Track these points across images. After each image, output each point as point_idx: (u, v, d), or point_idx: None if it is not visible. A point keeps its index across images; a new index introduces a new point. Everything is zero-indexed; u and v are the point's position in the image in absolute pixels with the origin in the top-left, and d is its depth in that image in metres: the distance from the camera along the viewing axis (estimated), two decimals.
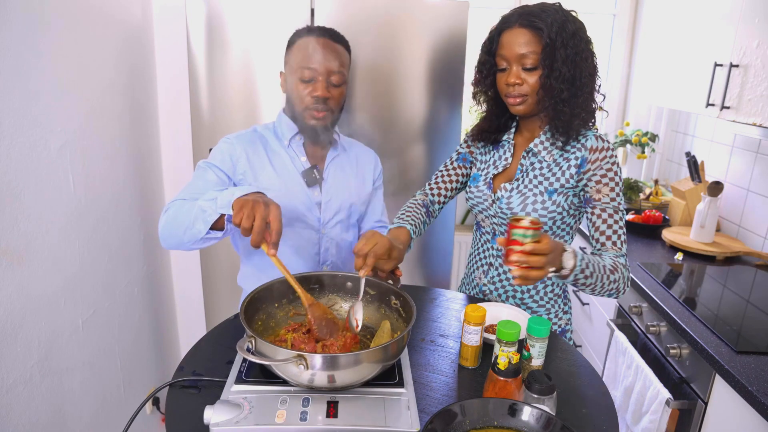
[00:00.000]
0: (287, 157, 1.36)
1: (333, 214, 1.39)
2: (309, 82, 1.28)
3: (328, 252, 1.42)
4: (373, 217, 1.51)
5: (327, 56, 1.27)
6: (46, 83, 1.32)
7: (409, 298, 1.06)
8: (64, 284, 1.40)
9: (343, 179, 1.41)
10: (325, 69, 1.27)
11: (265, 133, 1.38)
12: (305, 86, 1.28)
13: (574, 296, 2.34)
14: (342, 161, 1.42)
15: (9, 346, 1.18)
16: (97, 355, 1.59)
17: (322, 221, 1.38)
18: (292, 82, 1.30)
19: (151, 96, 2.04)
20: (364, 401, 0.92)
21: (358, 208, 1.44)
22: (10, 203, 1.18)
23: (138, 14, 1.89)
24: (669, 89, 2.06)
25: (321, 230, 1.39)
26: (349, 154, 1.45)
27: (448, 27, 1.78)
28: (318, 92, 1.27)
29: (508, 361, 0.92)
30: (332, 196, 1.38)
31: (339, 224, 1.41)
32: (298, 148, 1.37)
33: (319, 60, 1.27)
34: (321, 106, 1.29)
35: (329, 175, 1.39)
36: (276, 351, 0.87)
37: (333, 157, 1.41)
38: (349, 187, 1.41)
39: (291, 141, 1.36)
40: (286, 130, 1.36)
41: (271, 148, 1.36)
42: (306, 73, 1.27)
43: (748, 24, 1.58)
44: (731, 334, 1.36)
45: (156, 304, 2.10)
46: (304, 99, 1.29)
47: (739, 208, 2.05)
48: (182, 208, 1.14)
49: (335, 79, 1.29)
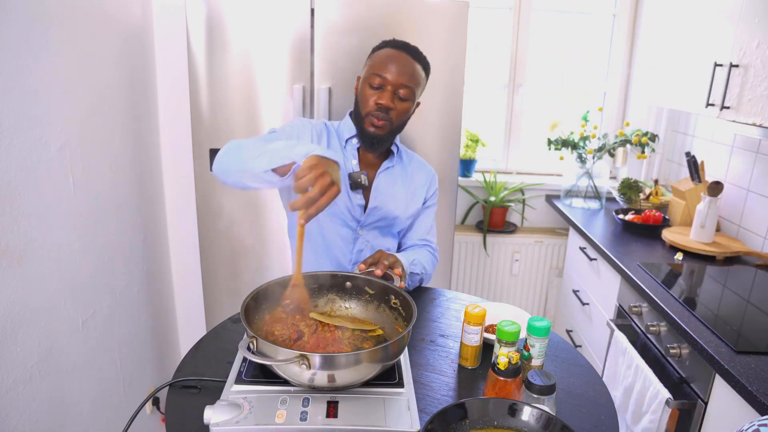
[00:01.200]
0: (341, 156, 1.38)
1: (374, 219, 1.41)
2: (377, 89, 1.31)
3: (362, 253, 1.43)
4: (417, 234, 1.51)
5: (400, 68, 1.31)
6: (46, 83, 1.31)
7: (410, 297, 1.06)
8: (64, 284, 1.40)
9: (392, 191, 1.43)
10: (394, 80, 1.30)
11: (330, 128, 1.43)
12: (373, 92, 1.32)
13: (574, 296, 2.34)
14: (395, 173, 1.44)
15: (9, 346, 1.18)
16: (97, 355, 1.59)
17: (361, 223, 1.41)
18: (363, 87, 1.35)
19: (151, 96, 2.04)
20: (364, 401, 0.92)
21: (402, 221, 1.46)
22: (10, 203, 1.18)
23: (138, 14, 1.89)
24: (669, 89, 2.06)
25: (358, 231, 1.42)
26: (406, 167, 1.47)
27: (448, 27, 1.78)
28: (383, 100, 1.30)
29: (508, 361, 0.93)
30: (378, 204, 1.40)
31: (377, 230, 1.43)
32: (352, 150, 1.40)
33: (392, 70, 1.30)
34: (382, 115, 1.31)
35: (379, 183, 1.41)
36: (277, 351, 0.87)
37: (386, 168, 1.43)
38: (397, 199, 1.43)
39: (347, 142, 1.40)
40: (345, 131, 1.41)
41: (332, 143, 1.40)
42: (376, 80, 1.31)
43: (748, 24, 1.58)
44: (731, 334, 1.36)
45: (156, 304, 2.10)
46: (369, 104, 1.32)
47: (739, 208, 2.05)
48: (249, 141, 1.16)
49: (403, 93, 1.32)
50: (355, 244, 1.43)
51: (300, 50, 1.77)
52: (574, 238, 2.42)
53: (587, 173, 2.50)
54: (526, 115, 2.72)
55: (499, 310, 1.26)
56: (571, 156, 2.53)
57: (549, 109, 2.84)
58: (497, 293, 2.77)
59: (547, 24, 2.63)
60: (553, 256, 2.72)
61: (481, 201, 2.67)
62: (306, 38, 1.76)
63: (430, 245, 1.53)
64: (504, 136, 2.73)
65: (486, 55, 2.66)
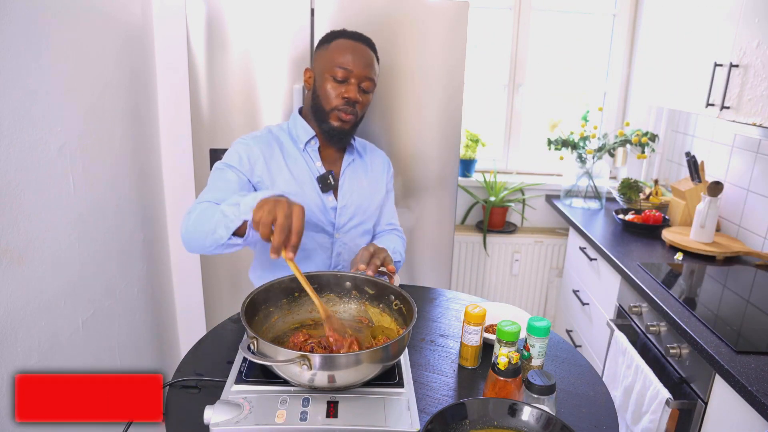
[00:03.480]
0: (302, 161, 1.34)
1: (348, 219, 1.39)
2: (342, 82, 1.28)
3: (341, 257, 1.41)
4: (385, 220, 1.51)
5: (363, 60, 1.29)
6: (46, 83, 1.31)
7: (410, 297, 1.06)
8: (64, 284, 1.40)
9: (358, 185, 1.41)
10: (359, 72, 1.28)
11: (280, 134, 1.37)
12: (336, 86, 1.28)
13: (574, 296, 2.34)
14: (357, 166, 1.42)
15: (9, 345, 1.18)
16: (97, 355, 1.59)
17: (337, 226, 1.38)
18: (323, 81, 1.29)
19: (151, 96, 2.04)
20: (364, 401, 0.92)
21: (373, 212, 1.44)
22: (10, 203, 1.18)
23: (138, 14, 1.89)
24: (669, 89, 2.06)
25: (335, 234, 1.38)
26: (365, 159, 1.45)
27: (448, 27, 1.78)
28: (349, 94, 1.27)
29: (508, 361, 0.93)
30: (347, 201, 1.38)
31: (353, 229, 1.41)
32: (313, 152, 1.36)
33: (355, 62, 1.27)
34: (349, 109, 1.29)
35: (345, 180, 1.39)
36: (278, 351, 0.87)
37: (349, 163, 1.40)
38: (363, 192, 1.41)
39: (306, 145, 1.35)
40: (302, 133, 1.35)
41: (286, 150, 1.34)
42: (340, 73, 1.27)
43: (748, 24, 1.58)
44: (731, 334, 1.36)
45: (156, 304, 2.10)
46: (333, 99, 1.28)
47: (739, 208, 2.05)
48: (205, 213, 1.11)
49: (366, 86, 1.30)
50: (333, 248, 1.40)
51: (300, 50, 1.76)
52: (574, 238, 2.42)
53: (587, 173, 2.50)
54: (526, 115, 2.72)
55: (499, 310, 1.26)
56: (571, 156, 2.53)
57: (549, 109, 2.84)
58: (497, 293, 2.77)
59: (547, 24, 2.62)
60: (553, 256, 2.72)
61: (481, 201, 2.67)
62: (306, 38, 1.76)
63: (397, 228, 1.53)
64: (504, 136, 2.73)
65: (486, 55, 2.66)
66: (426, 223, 1.97)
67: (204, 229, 1.09)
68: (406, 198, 1.93)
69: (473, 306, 1.11)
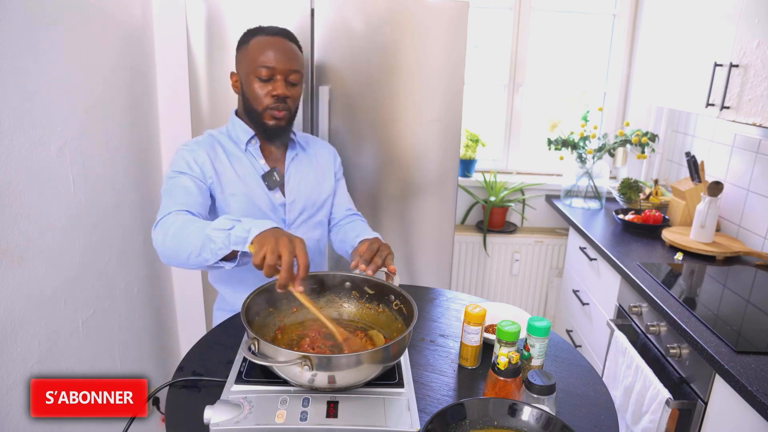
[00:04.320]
0: (246, 161, 1.34)
1: (298, 214, 1.39)
2: (267, 81, 1.27)
3: None
4: (342, 209, 1.51)
5: (285, 55, 1.27)
6: (46, 83, 1.31)
7: (410, 298, 1.06)
8: (64, 284, 1.40)
9: (305, 178, 1.41)
10: (284, 67, 1.26)
11: (221, 138, 1.36)
12: (263, 85, 1.27)
13: (574, 296, 2.34)
14: (301, 160, 1.42)
15: (9, 346, 1.18)
16: (97, 355, 1.59)
17: (288, 222, 1.38)
18: (249, 82, 1.29)
19: (151, 96, 2.03)
20: (364, 401, 0.92)
21: (323, 204, 1.44)
22: (10, 203, 1.18)
23: (138, 14, 1.89)
24: (669, 89, 2.06)
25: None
26: (308, 152, 1.45)
27: (448, 27, 1.78)
28: (278, 91, 1.27)
29: (508, 361, 0.93)
30: (295, 196, 1.38)
31: (304, 224, 1.41)
32: (255, 151, 1.36)
33: (278, 58, 1.26)
34: (281, 105, 1.28)
35: (290, 176, 1.39)
36: (279, 352, 0.87)
37: (292, 158, 1.40)
38: (310, 185, 1.41)
39: (248, 145, 1.35)
40: (241, 134, 1.34)
41: (229, 152, 1.34)
42: (264, 72, 1.26)
43: (749, 24, 1.58)
44: (731, 334, 1.36)
45: (156, 304, 2.10)
46: (263, 99, 1.28)
47: (739, 208, 2.05)
48: (185, 229, 1.07)
49: (293, 78, 1.29)
50: None
51: None
52: (574, 238, 2.42)
53: (587, 173, 2.50)
54: (526, 115, 2.72)
55: (499, 310, 1.26)
56: (571, 156, 2.53)
57: (549, 109, 2.84)
58: (497, 293, 2.77)
59: (547, 24, 2.62)
60: (553, 256, 2.72)
61: (481, 201, 2.67)
62: (306, 38, 1.76)
63: (356, 212, 1.53)
64: (504, 136, 2.73)
65: (486, 55, 2.66)
66: (426, 223, 1.97)
67: (186, 249, 1.05)
68: (406, 198, 1.93)
69: (473, 306, 1.11)
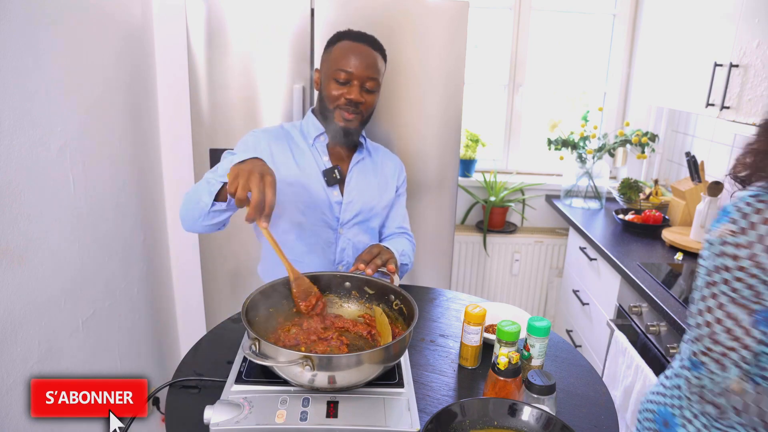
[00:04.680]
0: (310, 155, 1.38)
1: (352, 215, 1.40)
2: (344, 84, 1.31)
3: (345, 252, 1.42)
4: (394, 224, 1.52)
5: (365, 62, 1.31)
6: (46, 83, 1.31)
7: (411, 297, 1.06)
8: (64, 284, 1.40)
9: (366, 183, 1.43)
10: (361, 74, 1.30)
11: (291, 130, 1.41)
12: (339, 88, 1.31)
13: (574, 296, 2.34)
14: (366, 165, 1.44)
15: (9, 346, 1.18)
16: (97, 355, 1.59)
17: (341, 221, 1.40)
18: (327, 83, 1.33)
19: (151, 96, 2.03)
20: (364, 401, 0.92)
21: (378, 212, 1.46)
22: (10, 203, 1.18)
23: (138, 14, 1.89)
24: (669, 89, 2.06)
25: (339, 230, 1.40)
26: (374, 159, 1.47)
27: (448, 27, 1.78)
28: (352, 95, 1.30)
29: (508, 361, 0.93)
30: (353, 198, 1.40)
31: (357, 226, 1.42)
32: (321, 147, 1.39)
33: (356, 64, 1.30)
34: (352, 109, 1.32)
35: (352, 177, 1.41)
36: (279, 352, 0.87)
37: (357, 161, 1.43)
38: (370, 190, 1.43)
39: (315, 140, 1.39)
40: (312, 129, 1.39)
41: (296, 144, 1.39)
42: (342, 75, 1.30)
43: (748, 24, 1.58)
44: None
45: (156, 304, 2.10)
46: (337, 100, 1.32)
47: None
48: (195, 187, 1.17)
49: (369, 85, 1.32)
50: (338, 244, 1.41)
51: (300, 50, 1.76)
52: (574, 238, 2.42)
53: (587, 173, 2.50)
54: (526, 115, 2.72)
55: (499, 310, 1.26)
56: (571, 156, 2.53)
57: (549, 109, 2.84)
58: (497, 293, 2.77)
59: (547, 24, 2.62)
60: (553, 256, 2.72)
61: (481, 201, 2.67)
62: (306, 38, 1.76)
63: (407, 232, 1.54)
64: (504, 136, 2.73)
65: (486, 55, 2.66)
66: (426, 223, 1.97)
67: (192, 201, 1.14)
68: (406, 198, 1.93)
69: (473, 306, 1.11)
